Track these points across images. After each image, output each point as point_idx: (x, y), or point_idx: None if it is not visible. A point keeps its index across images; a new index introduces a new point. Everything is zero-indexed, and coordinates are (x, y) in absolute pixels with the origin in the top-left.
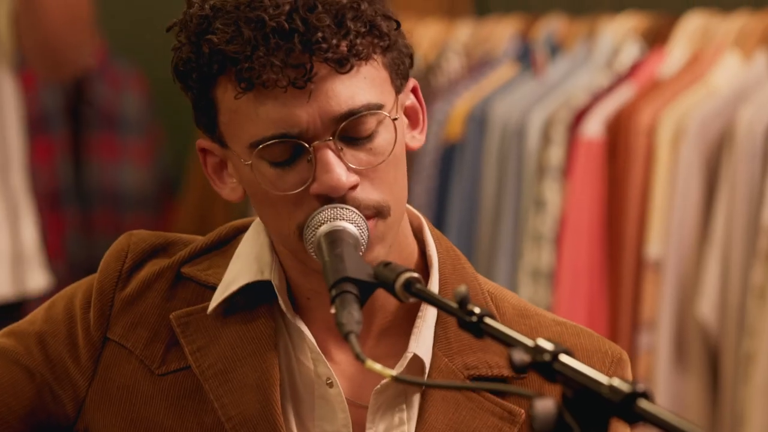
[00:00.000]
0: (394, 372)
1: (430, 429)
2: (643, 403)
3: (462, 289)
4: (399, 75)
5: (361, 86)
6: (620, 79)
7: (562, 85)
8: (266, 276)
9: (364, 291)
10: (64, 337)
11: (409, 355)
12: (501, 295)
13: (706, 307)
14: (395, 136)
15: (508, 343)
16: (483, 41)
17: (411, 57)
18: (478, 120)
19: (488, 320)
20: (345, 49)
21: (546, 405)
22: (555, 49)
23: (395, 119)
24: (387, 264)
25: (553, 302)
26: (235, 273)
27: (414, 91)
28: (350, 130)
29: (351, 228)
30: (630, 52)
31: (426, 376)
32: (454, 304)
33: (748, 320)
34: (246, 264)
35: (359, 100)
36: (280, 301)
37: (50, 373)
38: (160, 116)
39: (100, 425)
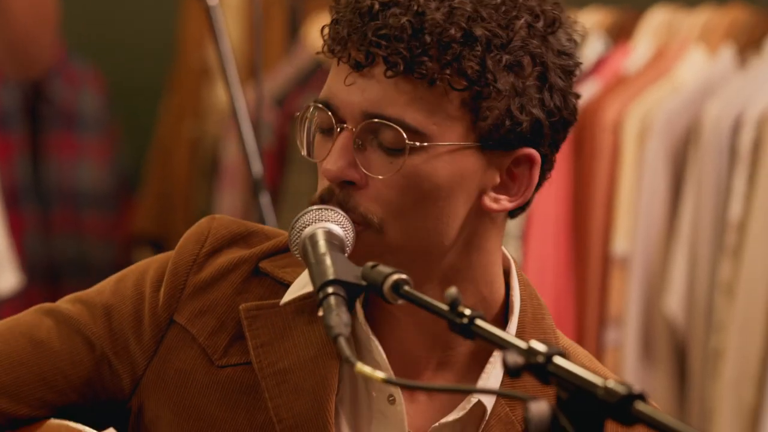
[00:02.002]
0: (383, 375)
1: None
2: (640, 405)
3: (452, 291)
4: (495, 129)
5: (406, 100)
6: (585, 75)
7: None
8: None
9: (352, 293)
10: (129, 313)
11: (473, 400)
12: (574, 351)
13: (674, 303)
14: (437, 171)
15: (500, 345)
16: None
17: (558, 128)
18: None
19: (479, 322)
20: (408, 57)
21: (540, 407)
22: None
23: (419, 146)
24: (375, 266)
25: None
26: None
27: (532, 163)
28: (379, 133)
29: (336, 229)
30: (594, 48)
31: (484, 422)
32: (444, 306)
33: (716, 316)
34: None
35: (391, 110)
36: (357, 309)
37: (111, 347)
38: (118, 114)
39: (153, 405)
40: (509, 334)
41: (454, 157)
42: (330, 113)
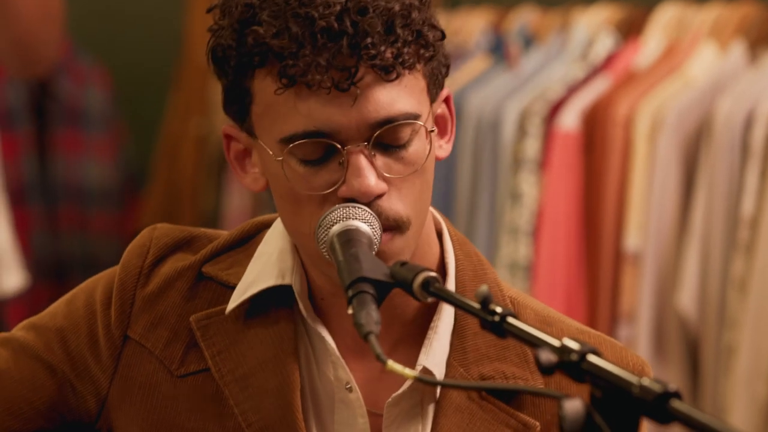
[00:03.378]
0: (414, 373)
1: None
2: (676, 403)
3: (484, 288)
4: (436, 84)
5: (401, 94)
6: (595, 71)
7: (537, 77)
8: (287, 280)
9: (381, 291)
10: (85, 334)
11: (418, 368)
12: (523, 302)
13: (686, 299)
14: (429, 147)
15: (533, 343)
16: (454, 33)
17: (448, 66)
18: None
19: (511, 320)
20: (391, 56)
21: (575, 405)
22: (528, 41)
23: (432, 131)
24: (404, 263)
25: (531, 295)
26: (255, 275)
27: (446, 100)
28: (385, 137)
29: (364, 227)
30: (605, 44)
31: (438, 387)
32: (476, 304)
33: (729, 312)
34: (267, 266)
35: (398, 109)
36: (301, 307)
37: (71, 370)
38: (124, 112)
39: (123, 424)
40: (542, 332)
41: (430, 124)
42: (328, 141)
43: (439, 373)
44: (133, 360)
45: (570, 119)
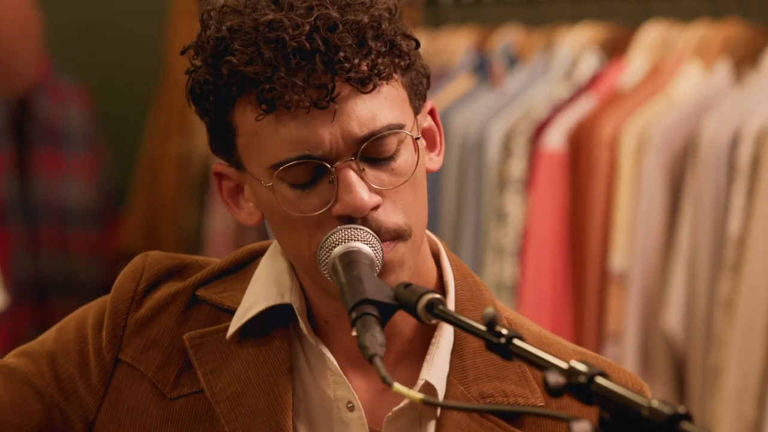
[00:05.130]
0: (420, 395)
1: None
2: (686, 425)
3: (490, 310)
4: (417, 95)
5: (382, 106)
6: (580, 91)
7: (522, 96)
8: (287, 299)
9: (385, 313)
10: (74, 358)
11: (420, 383)
12: (520, 323)
13: (673, 319)
14: (417, 156)
15: (540, 365)
16: (438, 53)
17: (428, 77)
18: None
19: (517, 342)
20: (366, 68)
21: (584, 428)
22: (513, 60)
23: (417, 138)
24: (408, 285)
25: None
26: (254, 297)
27: (431, 113)
28: (372, 150)
29: (366, 249)
30: (589, 63)
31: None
32: (482, 326)
33: (715, 332)
34: (265, 288)
35: (381, 121)
36: (302, 325)
37: (60, 394)
38: (104, 131)
39: None
40: (549, 354)
41: (416, 133)
42: (316, 161)
43: (440, 389)
44: (123, 383)
45: (555, 139)
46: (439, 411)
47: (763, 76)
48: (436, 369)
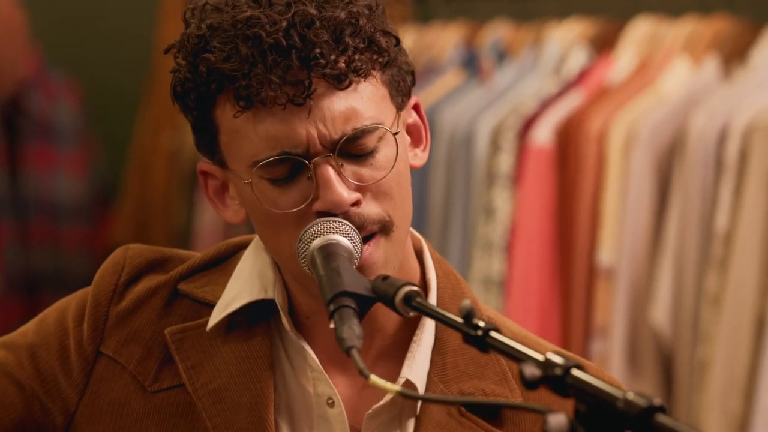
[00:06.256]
0: (397, 387)
1: None
2: (661, 417)
3: (467, 303)
4: (399, 92)
5: (359, 103)
6: (568, 86)
7: (510, 92)
8: (270, 294)
9: (363, 305)
10: (55, 350)
11: (401, 380)
12: (501, 322)
13: (660, 314)
14: (396, 151)
15: (516, 357)
16: (428, 48)
17: (412, 74)
18: None
19: (494, 334)
20: (343, 65)
21: (559, 420)
22: (501, 55)
23: (396, 134)
24: (385, 278)
25: (505, 310)
26: (236, 291)
27: (416, 108)
28: (351, 146)
29: (344, 241)
30: (577, 59)
31: (420, 402)
32: (458, 318)
33: (702, 327)
34: (248, 282)
35: (358, 117)
36: (283, 320)
37: (40, 386)
38: (95, 126)
39: None
40: (525, 347)
41: (395, 128)
42: (294, 158)
43: (421, 387)
44: (104, 375)
45: (543, 134)
46: (419, 408)
47: (751, 71)
48: (417, 367)
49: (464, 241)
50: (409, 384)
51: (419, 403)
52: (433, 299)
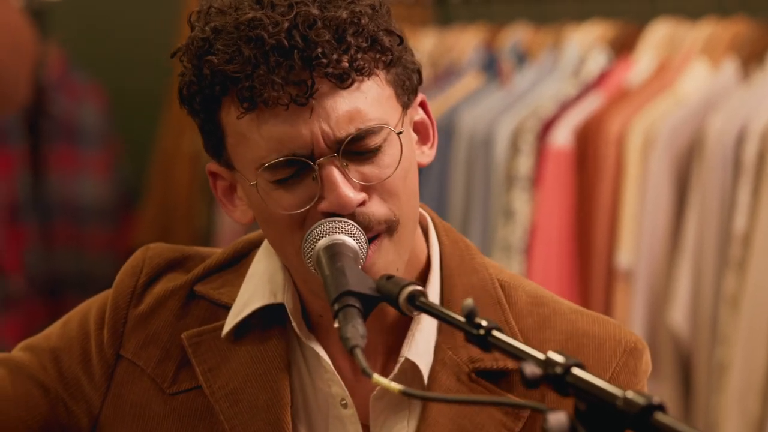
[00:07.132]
0: (400, 386)
1: (433, 424)
2: (660, 416)
3: (469, 302)
4: (405, 91)
5: (364, 103)
6: (588, 88)
7: (530, 94)
8: (279, 299)
9: (368, 305)
10: (78, 354)
11: (401, 359)
12: (514, 284)
13: (678, 316)
14: (401, 150)
15: (518, 356)
16: (448, 51)
17: (419, 72)
18: (445, 130)
19: (496, 333)
20: (346, 64)
21: (559, 418)
22: (521, 58)
23: (400, 133)
24: (390, 277)
25: None
26: (249, 295)
27: (423, 106)
28: (355, 146)
29: (350, 241)
30: (597, 61)
31: (427, 374)
32: (461, 318)
33: (721, 329)
34: (259, 286)
35: (362, 117)
36: (294, 324)
37: (64, 389)
38: (119, 128)
39: None
40: (527, 346)
41: (399, 127)
42: (299, 159)
43: (426, 362)
44: (125, 378)
45: (562, 136)
46: (425, 380)
47: None
48: (417, 345)
49: (484, 244)
50: (408, 363)
51: (426, 375)
52: (436, 269)
